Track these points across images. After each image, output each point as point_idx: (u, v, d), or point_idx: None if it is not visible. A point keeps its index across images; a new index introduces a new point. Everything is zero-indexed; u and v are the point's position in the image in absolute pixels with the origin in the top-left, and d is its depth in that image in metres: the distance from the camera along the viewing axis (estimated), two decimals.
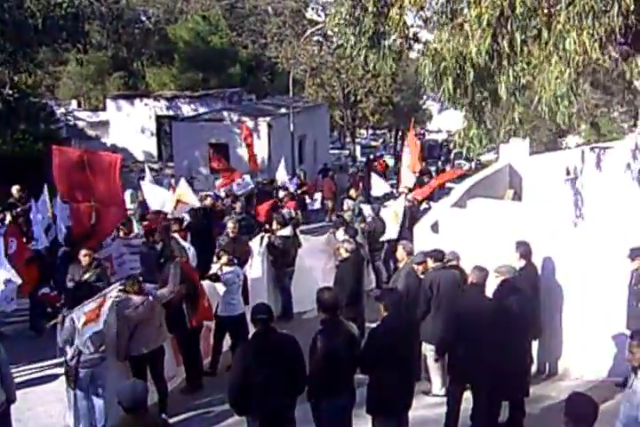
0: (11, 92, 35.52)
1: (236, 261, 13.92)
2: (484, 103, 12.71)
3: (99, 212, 14.81)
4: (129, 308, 11.03)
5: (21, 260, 15.34)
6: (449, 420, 10.36)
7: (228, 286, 13.17)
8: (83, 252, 13.78)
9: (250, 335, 9.98)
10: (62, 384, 10.94)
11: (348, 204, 21.97)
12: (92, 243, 15.18)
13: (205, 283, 13.11)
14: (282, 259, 16.32)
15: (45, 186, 18.31)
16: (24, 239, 17.49)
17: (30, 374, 13.32)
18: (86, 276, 13.50)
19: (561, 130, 38.12)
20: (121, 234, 17.52)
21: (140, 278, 11.91)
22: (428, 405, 11.41)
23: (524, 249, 11.81)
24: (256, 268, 15.22)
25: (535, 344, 11.79)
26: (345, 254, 13.87)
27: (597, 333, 11.81)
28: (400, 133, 68.13)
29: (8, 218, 19.68)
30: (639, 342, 7.44)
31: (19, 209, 20.17)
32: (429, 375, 12.16)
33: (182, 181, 22.02)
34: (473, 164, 50.51)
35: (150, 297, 11.30)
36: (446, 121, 70.34)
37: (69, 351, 10.48)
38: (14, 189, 21.03)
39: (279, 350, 8.58)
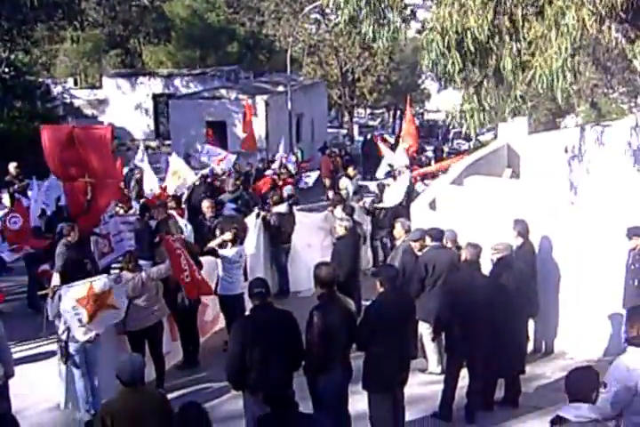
0: (7, 70, 35.42)
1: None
2: (484, 80, 12.67)
3: (94, 186, 14.71)
4: (123, 285, 11.04)
5: (22, 236, 15.40)
6: (445, 397, 10.36)
7: (230, 264, 13.08)
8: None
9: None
10: (59, 361, 10.95)
11: (343, 182, 21.87)
12: (91, 219, 15.15)
13: (206, 259, 13.09)
14: (278, 236, 16.27)
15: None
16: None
17: (28, 350, 13.32)
18: None
19: (560, 110, 38.08)
20: (120, 212, 17.50)
21: (135, 256, 11.91)
22: (424, 382, 11.42)
23: (522, 227, 11.79)
24: (250, 244, 15.13)
25: (531, 323, 11.79)
26: (342, 232, 13.85)
27: (594, 312, 11.81)
28: (398, 113, 67.98)
29: (6, 196, 19.72)
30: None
31: (16, 186, 20.13)
32: (425, 354, 12.16)
33: (174, 157, 21.96)
34: (472, 143, 50.39)
35: (143, 273, 11.29)
36: (445, 101, 70.18)
37: (60, 325, 10.48)
38: (11, 167, 20.96)
39: (276, 325, 8.58)
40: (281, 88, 41.01)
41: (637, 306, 8.03)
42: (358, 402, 9.34)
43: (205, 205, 16.08)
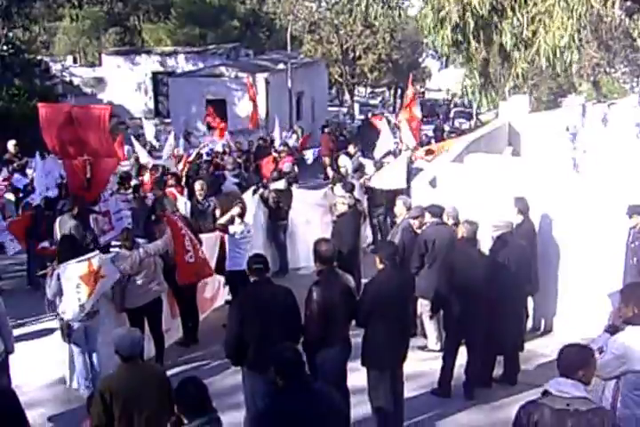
0: (5, 47, 35.32)
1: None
2: (486, 56, 12.62)
3: (93, 164, 14.74)
4: (119, 261, 11.04)
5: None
6: (444, 374, 10.42)
7: (240, 239, 13.08)
8: None
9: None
10: (59, 338, 10.96)
11: (342, 160, 21.77)
12: (91, 196, 15.17)
13: (206, 237, 13.10)
14: (276, 212, 16.20)
15: None
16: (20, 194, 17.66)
17: (28, 327, 13.37)
18: None
19: (561, 89, 38.00)
20: (121, 190, 17.52)
21: (132, 233, 11.92)
22: (423, 359, 11.45)
23: (522, 205, 11.78)
24: (249, 220, 15.14)
25: (531, 300, 11.79)
26: (343, 209, 13.81)
27: (594, 290, 11.79)
28: (399, 91, 67.82)
29: (5, 173, 19.73)
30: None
31: (15, 164, 20.14)
32: (425, 331, 12.18)
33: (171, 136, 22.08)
34: (473, 122, 50.33)
35: (140, 250, 11.28)
36: (446, 80, 70.04)
37: (60, 304, 10.47)
38: (10, 145, 20.99)
39: (275, 301, 8.57)
40: (281, 66, 40.88)
41: (629, 285, 8.02)
42: (357, 379, 9.35)
43: (197, 187, 15.60)
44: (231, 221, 13.16)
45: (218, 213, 14.04)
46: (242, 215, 13.23)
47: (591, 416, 5.79)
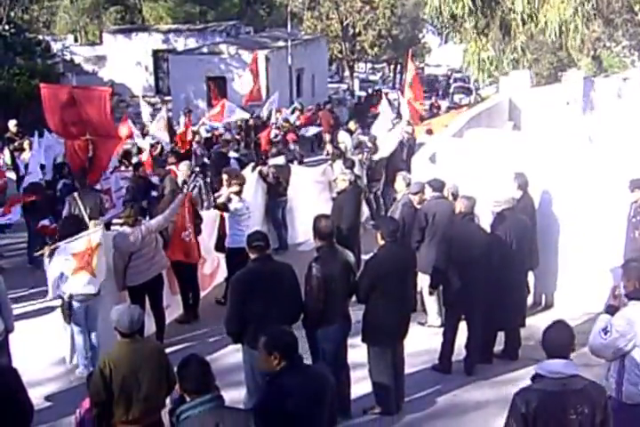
0: (7, 27, 35.32)
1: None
2: (487, 30, 12.55)
3: (95, 144, 14.78)
4: (122, 239, 11.03)
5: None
6: (444, 350, 10.41)
7: (239, 216, 13.08)
8: None
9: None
10: (60, 317, 10.97)
11: (341, 136, 21.69)
12: (93, 175, 15.20)
13: (207, 214, 13.10)
14: (275, 188, 16.14)
15: None
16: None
17: (29, 306, 13.34)
18: None
19: (562, 63, 37.78)
20: (122, 167, 17.54)
21: (136, 209, 11.88)
22: (423, 335, 11.44)
23: (522, 180, 11.75)
24: (248, 197, 15.16)
25: (532, 276, 11.77)
26: (343, 186, 13.78)
27: (595, 264, 11.79)
28: (399, 67, 67.61)
29: (7, 153, 19.79)
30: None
31: (16, 143, 20.15)
32: (425, 306, 12.18)
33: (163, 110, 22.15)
34: (472, 98, 50.14)
35: (142, 227, 11.26)
36: (446, 55, 69.81)
37: (62, 285, 10.45)
38: (11, 124, 21.02)
39: (275, 278, 8.54)
40: (281, 43, 40.85)
41: (629, 260, 7.97)
42: (358, 355, 9.38)
43: (182, 168, 15.59)
44: (229, 199, 13.16)
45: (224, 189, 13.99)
46: (239, 192, 13.22)
47: (588, 392, 5.79)
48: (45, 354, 11.46)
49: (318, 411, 6.23)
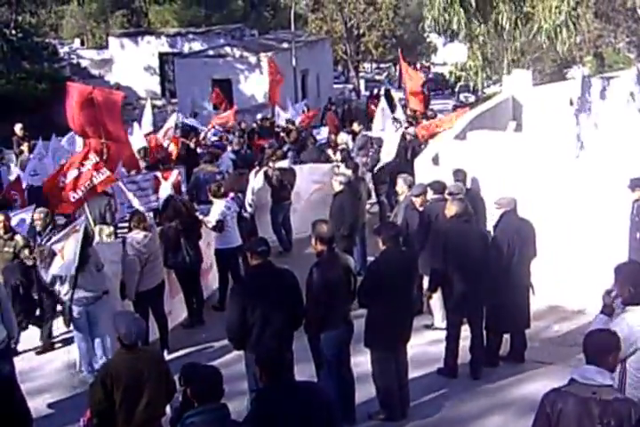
0: (14, 31, 35.43)
1: (232, 194, 13.90)
2: (485, 34, 12.59)
3: (109, 148, 14.78)
4: (138, 245, 11.02)
5: None
6: (448, 354, 10.36)
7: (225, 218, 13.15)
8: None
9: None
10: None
11: (342, 137, 21.60)
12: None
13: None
14: (279, 192, 16.13)
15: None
16: None
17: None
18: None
19: (565, 61, 37.73)
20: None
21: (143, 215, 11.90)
22: (428, 338, 11.37)
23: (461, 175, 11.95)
24: (252, 200, 15.22)
25: (535, 276, 11.76)
26: (338, 187, 13.72)
27: (599, 264, 11.77)
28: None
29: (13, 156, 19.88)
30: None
31: (23, 147, 20.23)
32: (431, 309, 12.17)
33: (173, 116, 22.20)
34: (478, 96, 50.08)
35: (153, 230, 11.30)
36: (451, 54, 69.64)
37: (61, 288, 10.31)
38: (17, 128, 21.10)
39: (276, 284, 8.56)
40: (286, 45, 40.94)
41: (620, 265, 7.89)
42: (361, 360, 9.40)
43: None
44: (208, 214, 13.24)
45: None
46: (221, 193, 13.36)
47: (617, 406, 5.67)
48: (50, 360, 11.45)
49: None
